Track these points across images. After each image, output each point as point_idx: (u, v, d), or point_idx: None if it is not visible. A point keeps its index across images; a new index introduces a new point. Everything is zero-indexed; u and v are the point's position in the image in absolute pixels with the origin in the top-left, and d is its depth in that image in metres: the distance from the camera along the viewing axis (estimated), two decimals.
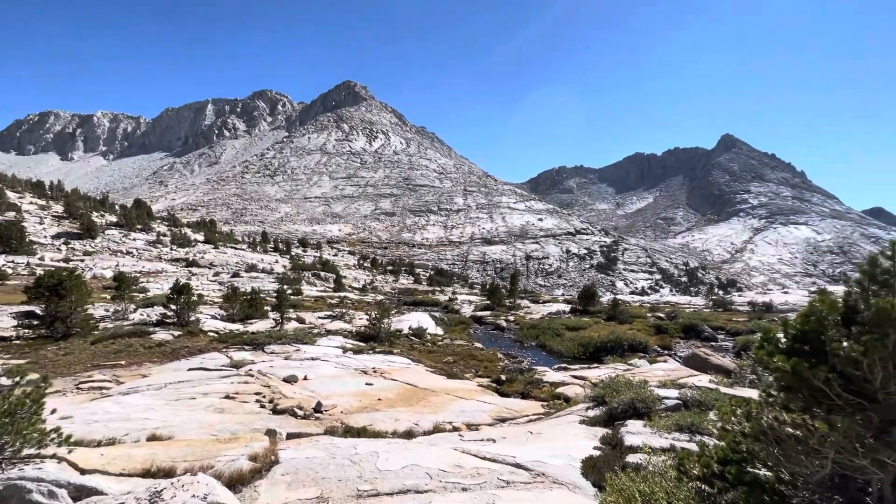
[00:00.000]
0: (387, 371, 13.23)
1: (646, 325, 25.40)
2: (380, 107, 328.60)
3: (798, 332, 2.96)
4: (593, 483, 4.07)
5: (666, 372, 12.72)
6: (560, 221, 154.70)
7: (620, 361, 16.36)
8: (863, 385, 2.55)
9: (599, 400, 7.49)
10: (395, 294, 54.01)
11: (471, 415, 8.90)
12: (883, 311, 2.52)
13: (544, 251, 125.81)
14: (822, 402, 2.70)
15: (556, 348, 20.91)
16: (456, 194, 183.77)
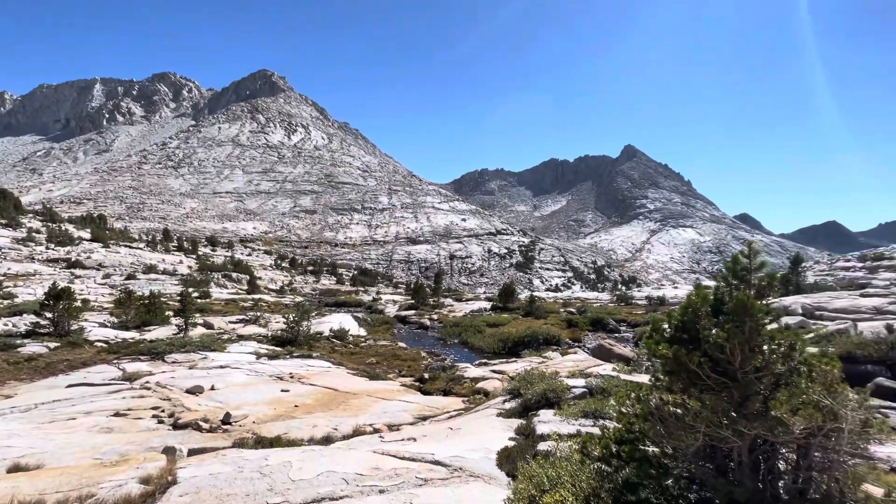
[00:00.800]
0: (305, 376, 12.68)
1: (559, 320, 27.14)
2: (300, 99, 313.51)
3: (679, 323, 3.35)
4: (507, 473, 4.26)
5: (575, 363, 13.69)
6: (482, 222, 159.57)
7: (536, 355, 17.30)
8: (727, 366, 2.95)
9: (515, 393, 7.85)
10: (315, 295, 51.94)
11: (392, 415, 8.84)
12: (740, 303, 2.95)
13: (467, 251, 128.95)
14: (696, 383, 3.08)
15: (477, 345, 21.54)
16: (381, 193, 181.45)
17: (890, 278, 25.34)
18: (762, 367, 2.85)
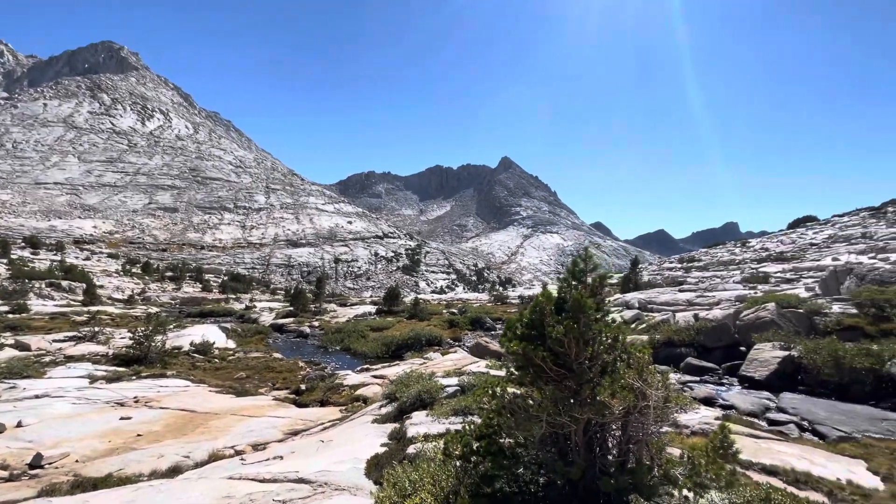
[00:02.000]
0: (155, 399, 10.97)
1: (442, 321, 27.96)
2: (158, 81, 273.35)
3: (529, 321, 3.65)
4: (375, 481, 4.18)
5: (454, 362, 14.21)
6: (369, 225, 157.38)
7: (418, 356, 17.54)
8: (566, 359, 3.30)
9: (392, 397, 7.81)
10: (175, 305, 45.64)
11: (259, 433, 8.12)
12: (576, 301, 3.32)
13: (353, 254, 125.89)
14: (542, 376, 3.39)
15: (360, 350, 21.06)
16: (257, 191, 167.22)
17: (699, 276, 31.44)
18: (593, 357, 3.25)
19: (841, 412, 7.06)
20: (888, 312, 10.77)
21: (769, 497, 3.55)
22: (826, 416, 6.91)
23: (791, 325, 11.64)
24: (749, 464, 4.65)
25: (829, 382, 8.31)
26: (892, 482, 4.14)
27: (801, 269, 24.73)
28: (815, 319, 11.79)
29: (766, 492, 3.64)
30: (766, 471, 4.49)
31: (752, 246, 42.34)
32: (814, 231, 39.84)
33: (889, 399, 7.51)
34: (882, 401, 7.55)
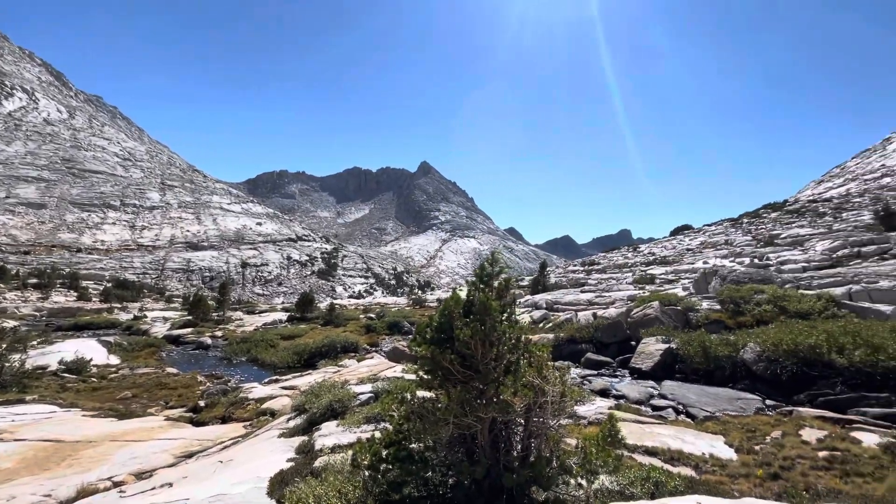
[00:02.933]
0: (7, 430, 9.26)
1: (358, 326, 27.32)
2: (20, 55, 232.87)
3: (438, 325, 3.70)
4: (277, 501, 3.93)
5: (370, 368, 13.95)
6: (281, 227, 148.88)
7: (333, 364, 16.94)
8: (472, 360, 3.40)
9: (301, 408, 7.44)
10: (41, 317, 39.07)
11: (145, 460, 7.22)
12: (483, 304, 3.44)
13: (263, 258, 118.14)
14: (450, 378, 3.45)
15: (269, 360, 19.80)
16: (149, 187, 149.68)
17: (598, 278, 34.46)
18: (497, 357, 3.39)
19: (707, 395, 8.17)
20: (742, 307, 12.73)
21: (649, 475, 3.98)
22: (696, 399, 7.95)
23: (671, 320, 13.23)
24: (635, 447, 5.17)
25: (699, 370, 9.57)
26: (743, 452, 4.88)
27: (680, 270, 28.24)
28: (689, 315, 13.52)
29: (647, 471, 4.07)
30: (649, 452, 5.03)
31: (642, 251, 47.46)
32: (690, 238, 45.78)
33: (742, 381, 8.86)
34: (738, 383, 8.88)
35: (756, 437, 5.30)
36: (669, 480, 3.88)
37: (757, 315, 12.19)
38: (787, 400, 7.75)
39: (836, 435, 5.03)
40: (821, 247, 23.32)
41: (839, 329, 8.33)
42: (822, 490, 3.91)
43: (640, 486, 3.83)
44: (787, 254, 24.54)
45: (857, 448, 4.65)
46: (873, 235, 22.74)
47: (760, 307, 12.44)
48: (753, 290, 13.44)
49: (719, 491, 3.87)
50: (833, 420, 5.99)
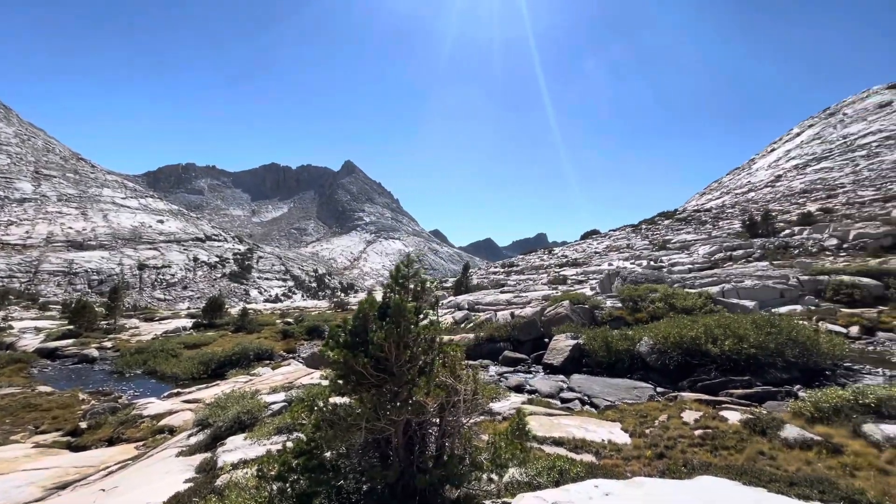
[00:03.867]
0: None
1: (274, 332, 25.83)
2: None
3: (353, 328, 3.62)
4: None
5: (286, 375, 13.25)
6: (187, 225, 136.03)
7: (244, 373, 15.83)
8: (386, 363, 3.37)
9: (205, 423, 6.84)
10: None
11: (5, 496, 6.16)
12: (398, 306, 3.43)
13: (166, 259, 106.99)
14: (363, 382, 3.39)
15: (170, 372, 17.98)
16: (19, 177, 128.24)
17: (517, 279, 36.12)
18: (411, 359, 3.40)
19: (609, 386, 8.93)
20: (640, 305, 14.11)
21: (555, 465, 4.24)
22: (599, 390, 8.65)
23: (580, 318, 14.25)
24: (544, 439, 5.48)
25: (603, 363, 10.42)
26: (636, 436, 5.41)
27: (589, 272, 30.56)
28: (595, 313, 14.67)
29: (553, 461, 4.34)
30: (556, 442, 5.37)
31: (556, 253, 50.62)
32: (597, 242, 49.75)
33: (638, 371, 9.83)
34: (635, 373, 9.82)
35: (647, 422, 5.90)
36: (572, 468, 4.16)
37: (651, 312, 13.58)
38: (673, 387, 8.72)
39: (708, 415, 5.78)
40: (702, 251, 26.63)
41: (714, 322, 9.57)
42: (696, 464, 4.46)
43: (547, 476, 4.07)
44: (676, 257, 27.67)
45: (724, 425, 5.38)
46: (741, 241, 26.47)
47: (654, 304, 13.88)
48: (649, 290, 14.96)
49: (614, 473, 4.25)
50: (707, 402, 6.86)
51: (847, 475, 3.93)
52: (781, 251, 22.75)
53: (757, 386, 7.82)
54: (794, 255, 21.78)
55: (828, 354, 8.68)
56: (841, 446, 4.46)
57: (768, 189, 50.34)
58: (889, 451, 4.26)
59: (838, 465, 4.13)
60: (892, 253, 18.73)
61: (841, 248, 20.93)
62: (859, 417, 4.85)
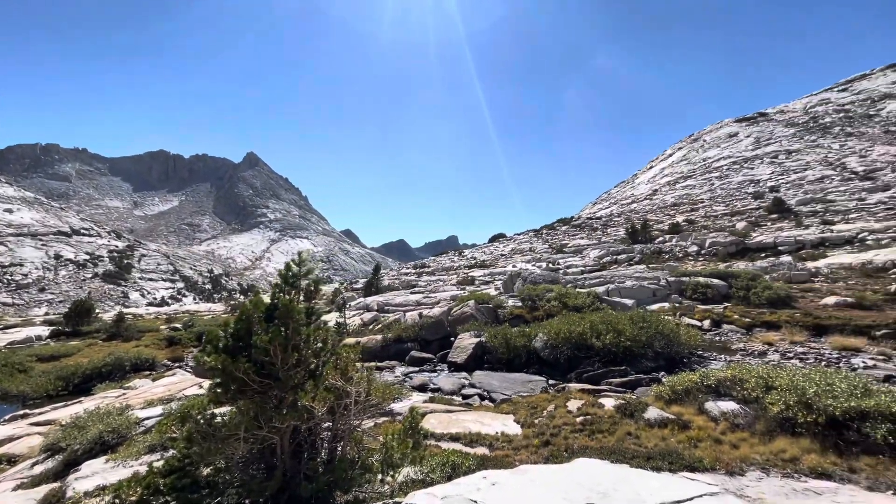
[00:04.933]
0: None
1: (158, 339, 23.02)
2: None
3: (234, 331, 3.36)
4: None
5: (168, 387, 11.88)
6: (47, 216, 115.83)
7: (115, 387, 13.87)
8: (272, 368, 3.18)
9: (56, 447, 5.86)
10: None
11: None
12: (286, 307, 3.26)
13: (16, 255, 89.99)
14: (245, 390, 3.16)
15: (16, 390, 15.12)
16: None
17: (428, 280, 36.60)
18: (299, 363, 3.25)
19: (507, 381, 9.42)
20: (537, 304, 15.14)
21: (448, 460, 4.35)
22: (498, 385, 9.09)
23: (484, 317, 14.86)
24: (442, 435, 5.61)
25: (502, 359, 10.98)
26: (526, 427, 5.78)
27: (495, 273, 32.02)
28: (498, 312, 15.40)
29: (447, 456, 4.45)
30: (453, 438, 5.52)
31: (466, 255, 52.28)
32: (503, 245, 52.39)
33: (534, 365, 10.53)
34: (531, 367, 10.50)
35: (537, 413, 6.33)
36: (465, 462, 4.31)
37: (547, 310, 14.63)
38: (563, 379, 9.48)
39: (589, 403, 6.39)
40: (593, 254, 29.40)
41: (598, 319, 10.60)
42: (576, 448, 4.89)
43: (440, 471, 4.16)
44: (571, 259, 30.19)
45: (602, 411, 5.99)
46: (625, 247, 29.74)
47: (550, 303, 14.98)
48: (545, 290, 16.10)
49: (504, 463, 4.48)
50: (590, 391, 7.58)
51: (691, 447, 4.60)
52: (655, 256, 26.00)
53: (631, 374, 8.83)
54: (665, 259, 25.03)
55: (686, 344, 10.10)
56: (689, 422, 5.22)
57: (647, 201, 57.21)
58: (722, 423, 5.09)
59: (686, 438, 4.82)
60: (737, 258, 22.44)
61: (700, 253, 24.52)
62: (703, 397, 5.73)
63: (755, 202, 38.55)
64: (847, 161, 44.85)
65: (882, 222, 23.59)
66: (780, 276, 16.27)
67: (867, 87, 75.93)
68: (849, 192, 34.54)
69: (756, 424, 4.92)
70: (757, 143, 64.24)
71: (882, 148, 46.12)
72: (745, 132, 72.09)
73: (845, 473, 3.90)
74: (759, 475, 3.99)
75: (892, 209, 27.13)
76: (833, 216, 28.08)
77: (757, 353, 10.26)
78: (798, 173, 45.59)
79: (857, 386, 4.75)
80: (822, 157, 48.81)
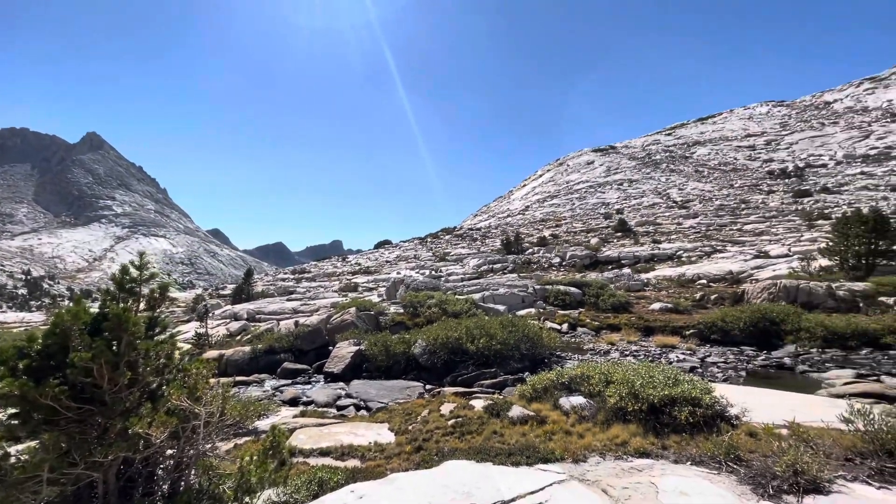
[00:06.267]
0: None
1: None
2: None
3: (42, 348, 2.74)
4: None
5: None
6: None
7: None
8: (94, 391, 2.67)
9: None
10: None
11: None
12: (117, 317, 2.77)
13: None
14: (55, 420, 2.59)
15: None
16: None
17: (308, 286, 34.73)
18: (133, 383, 2.79)
19: (385, 388, 9.36)
20: (419, 310, 15.40)
21: (316, 476, 4.13)
22: (375, 393, 8.98)
23: (365, 324, 14.59)
24: (311, 451, 5.31)
25: (382, 367, 10.89)
26: (400, 434, 5.79)
27: (380, 279, 31.78)
28: (380, 318, 15.27)
29: (315, 473, 4.23)
30: (323, 453, 5.26)
31: (350, 261, 50.95)
32: (389, 251, 52.38)
33: (413, 372, 10.66)
34: (409, 374, 10.61)
35: (412, 419, 6.39)
36: (333, 477, 4.14)
37: (428, 316, 14.97)
38: (440, 383, 9.76)
39: (461, 405, 6.67)
40: (472, 263, 31.06)
41: (473, 324, 11.18)
42: (446, 451, 5.05)
43: (306, 490, 3.93)
44: (453, 267, 31.46)
45: (472, 412, 6.31)
46: (500, 257, 32.04)
47: (431, 309, 15.35)
48: (427, 296, 16.47)
49: (375, 474, 4.42)
50: (463, 394, 7.93)
51: (546, 440, 5.10)
52: (526, 266, 28.50)
53: (500, 376, 9.48)
54: (533, 269, 27.58)
55: (547, 346, 11.21)
56: (545, 418, 5.78)
57: (520, 216, 62.59)
58: (573, 416, 5.75)
59: (543, 433, 5.33)
60: (590, 269, 25.76)
61: (561, 264, 27.58)
62: (558, 393, 6.41)
63: (605, 221, 44.78)
64: (670, 192, 54.87)
65: (693, 242, 29.33)
66: (622, 286, 19.11)
67: (685, 133, 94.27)
68: (671, 217, 42.24)
69: (598, 415, 5.66)
70: (608, 171, 74.96)
71: (693, 183, 57.51)
72: (600, 161, 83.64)
73: (660, 451, 4.69)
74: (598, 460, 4.58)
75: (700, 232, 33.92)
76: (660, 236, 34.02)
77: (603, 351, 11.86)
78: (637, 199, 54.31)
79: (670, 377, 5.78)
80: (654, 187, 58.97)
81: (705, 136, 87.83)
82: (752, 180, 55.12)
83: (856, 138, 63.50)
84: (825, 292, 14.07)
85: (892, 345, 10.40)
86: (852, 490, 3.65)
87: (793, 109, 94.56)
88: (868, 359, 9.96)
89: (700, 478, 3.95)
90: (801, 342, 11.21)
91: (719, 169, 64.53)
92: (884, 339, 10.60)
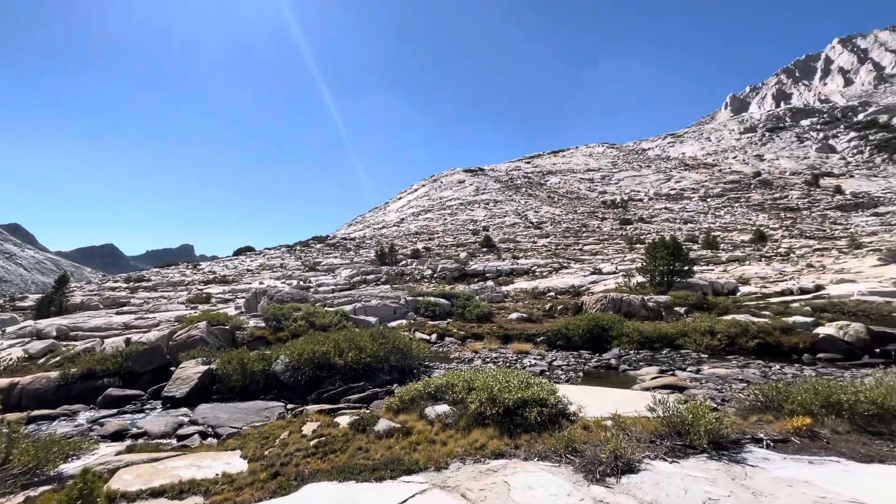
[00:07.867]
0: None
1: None
2: None
3: None
4: None
5: None
6: None
7: None
8: None
9: None
10: None
11: None
12: None
13: None
14: None
15: None
16: None
17: (146, 297, 29.64)
18: None
19: (239, 411, 8.45)
20: (283, 323, 14.35)
21: None
22: (227, 417, 8.03)
23: (217, 340, 13.02)
24: (139, 493, 4.51)
25: (236, 387, 9.80)
26: (254, 461, 5.27)
27: (238, 290, 28.74)
28: (236, 334, 13.79)
29: None
30: (155, 493, 4.50)
31: (203, 268, 45.07)
32: (251, 259, 47.83)
33: (273, 391, 9.83)
34: (269, 393, 9.76)
35: (268, 443, 5.88)
36: None
37: (293, 330, 14.03)
38: (303, 401, 9.18)
39: (325, 423, 6.37)
40: (345, 273, 30.19)
41: (342, 337, 10.84)
42: (307, 474, 4.75)
43: None
44: (323, 278, 30.14)
45: (336, 430, 6.06)
46: (374, 268, 31.81)
47: (296, 323, 14.43)
48: (293, 308, 15.46)
49: None
50: (328, 411, 7.59)
51: (411, 451, 5.16)
52: (399, 277, 28.78)
53: (368, 389, 9.32)
54: (406, 280, 28.00)
55: (416, 357, 11.43)
56: (411, 428, 5.86)
57: (395, 228, 63.20)
58: (437, 424, 5.94)
59: (408, 444, 5.38)
60: (459, 282, 27.16)
61: (433, 276, 28.55)
62: (424, 403, 6.57)
63: (473, 237, 47.87)
64: (528, 213, 61.25)
65: (545, 259, 33.12)
66: (486, 297, 20.57)
67: (541, 163, 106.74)
68: (528, 236, 47.12)
69: (460, 421, 5.94)
70: (477, 190, 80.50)
71: (547, 208, 65.19)
72: (470, 181, 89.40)
73: (513, 450, 5.13)
74: (459, 465, 4.80)
75: (550, 250, 38.49)
76: (519, 253, 37.64)
77: (467, 359, 12.55)
78: (500, 218, 59.33)
79: (523, 381, 6.39)
80: (515, 208, 65.18)
81: (556, 166, 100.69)
82: (591, 208, 64.73)
83: (661, 180, 79.62)
84: (640, 303, 17.13)
85: (683, 345, 13.12)
86: (654, 467, 4.47)
87: (621, 152, 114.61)
88: (668, 357, 12.40)
89: (545, 472, 4.42)
90: (623, 345, 13.42)
91: (567, 196, 74.43)
92: (678, 341, 13.31)
